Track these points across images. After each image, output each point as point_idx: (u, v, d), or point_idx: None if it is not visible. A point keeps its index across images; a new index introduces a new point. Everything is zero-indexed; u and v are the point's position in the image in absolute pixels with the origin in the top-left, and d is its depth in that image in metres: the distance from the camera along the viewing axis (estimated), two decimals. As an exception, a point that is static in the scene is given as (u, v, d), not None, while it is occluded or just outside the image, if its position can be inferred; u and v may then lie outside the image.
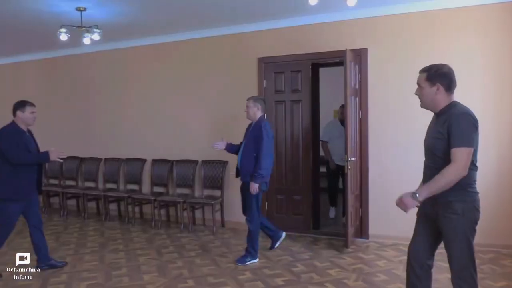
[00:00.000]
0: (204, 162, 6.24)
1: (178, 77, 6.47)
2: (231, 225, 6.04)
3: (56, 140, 7.67)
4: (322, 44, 5.38)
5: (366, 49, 5.21)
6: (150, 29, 6.16)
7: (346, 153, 4.77)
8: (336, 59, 5.29)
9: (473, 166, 2.51)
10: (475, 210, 2.53)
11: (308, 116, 5.64)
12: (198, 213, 6.29)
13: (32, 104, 4.29)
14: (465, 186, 2.49)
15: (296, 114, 5.68)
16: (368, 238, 5.27)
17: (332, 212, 6.49)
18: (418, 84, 2.66)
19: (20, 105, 4.25)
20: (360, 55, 5.21)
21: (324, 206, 6.37)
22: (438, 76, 2.57)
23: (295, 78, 5.65)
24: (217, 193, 6.11)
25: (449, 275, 2.62)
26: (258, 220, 4.66)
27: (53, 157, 4.19)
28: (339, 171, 6.15)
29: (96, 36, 5.23)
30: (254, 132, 4.53)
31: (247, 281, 4.02)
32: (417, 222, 2.80)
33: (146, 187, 6.70)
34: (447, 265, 2.63)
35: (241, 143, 4.76)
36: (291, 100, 5.69)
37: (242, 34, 5.91)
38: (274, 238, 5.00)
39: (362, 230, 5.31)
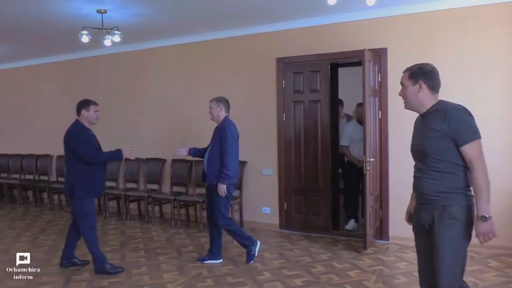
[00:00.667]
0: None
1: (197, 77, 6.51)
2: (250, 225, 6.06)
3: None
4: (341, 44, 5.35)
5: (385, 49, 5.16)
6: (168, 31, 6.22)
7: (364, 153, 4.73)
8: (355, 59, 5.25)
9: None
10: (472, 214, 2.39)
11: (327, 116, 5.61)
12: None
13: (95, 103, 4.37)
14: (461, 189, 2.39)
15: (315, 114, 5.66)
16: (388, 240, 5.22)
17: (350, 225, 5.77)
18: (401, 83, 2.56)
19: (85, 104, 4.32)
20: (380, 55, 5.16)
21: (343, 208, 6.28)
22: (421, 74, 2.47)
23: (314, 78, 5.62)
24: (236, 193, 6.13)
25: None
26: (229, 217, 4.63)
27: (126, 154, 4.31)
28: (359, 174, 5.75)
29: (116, 38, 5.32)
30: (219, 133, 4.44)
31: (266, 282, 4.03)
32: (415, 239, 2.65)
33: (166, 187, 6.77)
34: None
35: (208, 146, 4.62)
36: (310, 100, 5.67)
37: (261, 34, 5.92)
38: (211, 253, 4.64)
39: (382, 232, 5.26)
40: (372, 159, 4.90)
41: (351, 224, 5.75)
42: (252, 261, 4.55)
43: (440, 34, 4.91)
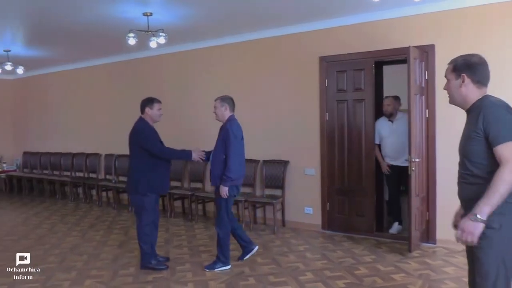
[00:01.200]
0: (265, 162, 6.29)
1: (239, 78, 6.56)
2: (292, 225, 6.04)
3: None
4: (386, 41, 5.22)
5: (433, 45, 4.98)
6: (212, 31, 6.30)
7: (409, 153, 4.60)
8: (400, 57, 5.11)
9: None
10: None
11: (371, 115, 5.50)
12: (259, 212, 6.35)
13: (159, 101, 4.46)
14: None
15: (359, 113, 5.56)
16: (435, 243, 5.04)
17: (394, 228, 5.56)
18: (445, 77, 2.35)
19: (149, 102, 4.42)
20: (427, 52, 5.00)
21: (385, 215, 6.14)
22: (465, 67, 2.23)
23: (357, 76, 5.53)
24: (278, 192, 6.14)
25: None
26: (228, 226, 4.36)
27: (195, 156, 4.42)
28: (396, 173, 5.57)
29: (161, 40, 5.44)
30: (222, 133, 4.29)
31: (308, 282, 4.00)
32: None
33: (209, 186, 6.86)
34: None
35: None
36: (354, 99, 5.58)
37: (303, 33, 5.88)
38: (245, 250, 4.62)
39: (428, 235, 5.09)
40: (417, 159, 4.75)
41: (395, 228, 5.56)
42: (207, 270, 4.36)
43: (492, 29, 4.68)
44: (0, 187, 9.95)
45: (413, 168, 4.62)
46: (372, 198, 5.51)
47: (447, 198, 4.87)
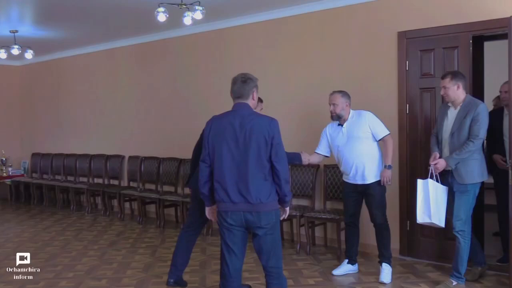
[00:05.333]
0: (326, 166, 6.22)
1: (293, 58, 6.56)
2: (361, 247, 5.90)
3: (158, 135, 8.30)
4: (488, 10, 5.04)
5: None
6: (257, 3, 6.31)
7: (510, 155, 4.45)
8: (502, 30, 4.90)
9: None
10: None
11: (467, 107, 5.32)
12: (318, 231, 6.31)
13: (261, 100, 4.87)
14: None
15: (451, 105, 5.40)
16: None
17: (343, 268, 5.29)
18: None
19: None
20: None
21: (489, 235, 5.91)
22: None
23: (449, 56, 5.38)
24: (339, 205, 6.05)
25: None
26: None
27: (305, 160, 4.93)
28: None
29: (198, 15, 5.53)
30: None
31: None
32: None
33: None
34: None
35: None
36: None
37: (378, 2, 5.80)
38: None
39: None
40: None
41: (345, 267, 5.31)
42: None
43: None
44: (4, 195, 10.33)
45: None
46: (468, 215, 5.32)
47: None
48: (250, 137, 3.46)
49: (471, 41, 5.27)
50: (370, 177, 4.94)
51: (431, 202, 4.52)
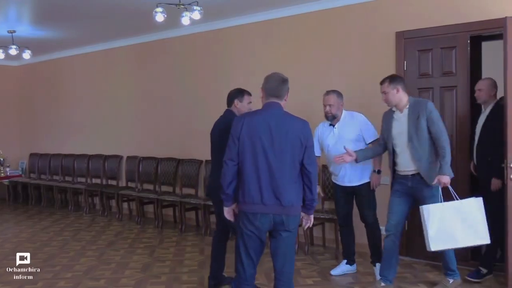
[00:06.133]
0: (324, 166, 6.23)
1: (290, 58, 6.57)
2: (358, 247, 5.91)
3: (156, 135, 8.31)
4: (484, 10, 5.07)
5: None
6: (256, 3, 6.32)
7: (506, 157, 4.45)
8: (500, 31, 4.92)
9: None
10: None
11: (465, 107, 5.36)
12: (316, 231, 6.34)
13: (249, 94, 4.70)
14: None
15: (449, 105, 5.43)
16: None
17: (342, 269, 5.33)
18: None
19: (239, 93, 4.67)
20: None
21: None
22: None
23: (447, 56, 5.41)
24: (332, 205, 6.05)
25: None
26: None
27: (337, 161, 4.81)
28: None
29: (196, 15, 5.54)
30: None
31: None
32: None
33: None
34: None
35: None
36: (442, 86, 5.47)
37: (376, 2, 5.82)
38: None
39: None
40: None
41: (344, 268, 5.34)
42: None
43: None
44: (2, 195, 10.34)
45: (511, 177, 4.46)
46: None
47: None
48: (286, 138, 3.40)
49: (469, 41, 5.29)
50: (359, 179, 4.99)
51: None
